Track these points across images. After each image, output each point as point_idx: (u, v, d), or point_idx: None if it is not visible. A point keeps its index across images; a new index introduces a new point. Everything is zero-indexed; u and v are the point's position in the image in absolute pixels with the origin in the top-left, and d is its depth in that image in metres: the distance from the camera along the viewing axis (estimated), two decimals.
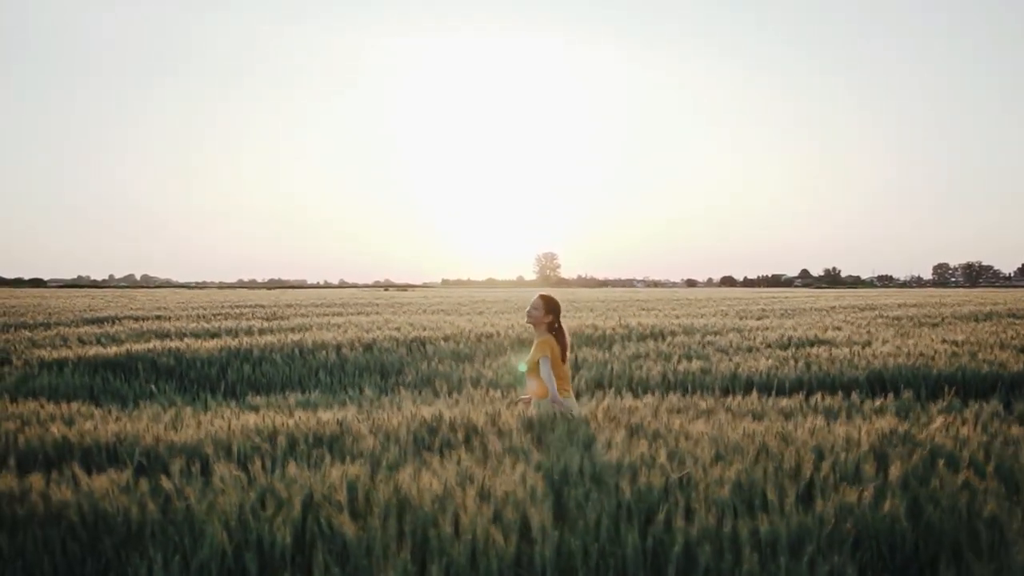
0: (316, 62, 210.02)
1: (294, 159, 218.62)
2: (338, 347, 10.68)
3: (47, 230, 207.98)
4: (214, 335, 13.50)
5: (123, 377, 9.35)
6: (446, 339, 11.71)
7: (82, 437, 5.31)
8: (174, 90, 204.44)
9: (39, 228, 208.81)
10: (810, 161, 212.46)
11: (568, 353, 5.37)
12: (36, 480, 3.84)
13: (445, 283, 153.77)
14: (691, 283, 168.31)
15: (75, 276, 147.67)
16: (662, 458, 3.84)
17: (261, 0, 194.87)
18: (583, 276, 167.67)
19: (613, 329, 13.05)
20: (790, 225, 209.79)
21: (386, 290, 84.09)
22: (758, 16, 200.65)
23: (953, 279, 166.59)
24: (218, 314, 20.29)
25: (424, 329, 13.21)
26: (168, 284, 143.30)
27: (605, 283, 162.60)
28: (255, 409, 7.08)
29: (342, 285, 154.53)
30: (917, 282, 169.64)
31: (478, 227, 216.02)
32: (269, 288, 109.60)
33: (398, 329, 13.19)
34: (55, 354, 10.55)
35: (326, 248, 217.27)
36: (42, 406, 6.40)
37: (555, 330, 5.32)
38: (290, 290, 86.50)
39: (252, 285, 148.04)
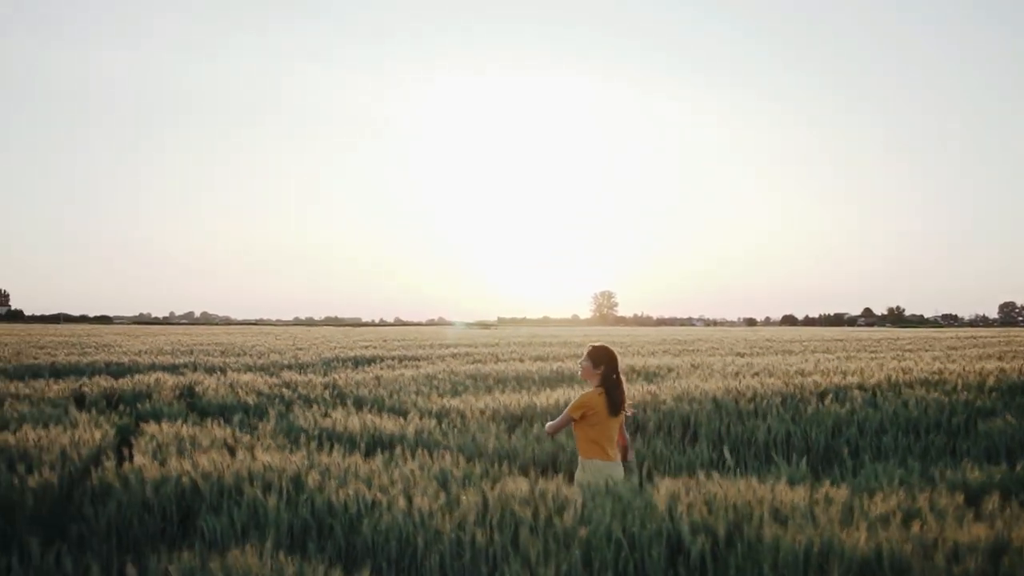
0: (355, 103, 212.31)
1: (343, 200, 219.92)
2: (757, 397, 8.85)
3: (107, 269, 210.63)
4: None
5: None
6: (842, 387, 9.78)
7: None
8: (216, 133, 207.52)
9: (100, 267, 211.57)
10: (870, 197, 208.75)
11: (624, 408, 4.98)
12: None
13: (501, 321, 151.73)
14: (751, 322, 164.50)
15: (136, 313, 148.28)
16: None
17: (310, 40, 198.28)
18: (639, 315, 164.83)
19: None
20: (848, 262, 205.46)
21: (468, 327, 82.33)
22: (809, 49, 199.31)
23: (1022, 318, 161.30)
24: (444, 354, 18.47)
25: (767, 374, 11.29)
26: (228, 322, 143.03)
27: (661, 322, 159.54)
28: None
29: (398, 323, 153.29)
30: (983, 321, 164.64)
31: (531, 266, 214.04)
32: (343, 326, 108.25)
33: (755, 375, 11.29)
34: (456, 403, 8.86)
35: (376, 287, 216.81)
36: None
37: (610, 383, 4.92)
38: (404, 328, 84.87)
39: (311, 323, 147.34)
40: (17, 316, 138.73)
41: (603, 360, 4.96)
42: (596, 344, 5.09)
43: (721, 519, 4.16)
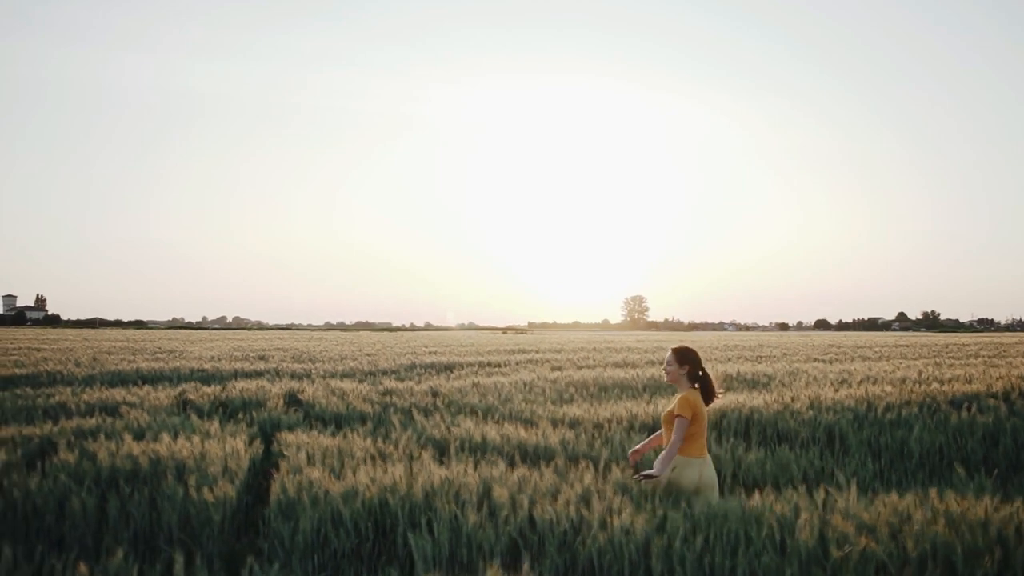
0: (376, 107, 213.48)
1: (369, 205, 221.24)
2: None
3: (138, 274, 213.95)
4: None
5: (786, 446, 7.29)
6: (970, 395, 9.34)
7: None
8: (243, 139, 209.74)
9: (131, 272, 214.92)
10: (900, 200, 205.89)
11: (713, 398, 5.08)
12: None
13: (533, 326, 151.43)
14: (783, 327, 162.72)
15: (170, 318, 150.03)
16: None
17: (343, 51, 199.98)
18: (670, 319, 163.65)
19: None
20: (877, 266, 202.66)
21: (504, 332, 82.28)
22: (837, 53, 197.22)
23: None
24: (521, 360, 18.23)
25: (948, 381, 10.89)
26: (261, 326, 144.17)
27: (693, 327, 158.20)
28: None
29: (428, 328, 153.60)
30: (1020, 325, 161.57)
31: (560, 271, 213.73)
32: (376, 330, 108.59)
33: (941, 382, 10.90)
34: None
35: (402, 291, 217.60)
36: None
37: (699, 380, 5.04)
38: (451, 333, 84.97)
39: (343, 327, 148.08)
40: (54, 320, 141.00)
41: (688, 359, 5.11)
42: (676, 347, 5.19)
43: (992, 542, 3.89)
